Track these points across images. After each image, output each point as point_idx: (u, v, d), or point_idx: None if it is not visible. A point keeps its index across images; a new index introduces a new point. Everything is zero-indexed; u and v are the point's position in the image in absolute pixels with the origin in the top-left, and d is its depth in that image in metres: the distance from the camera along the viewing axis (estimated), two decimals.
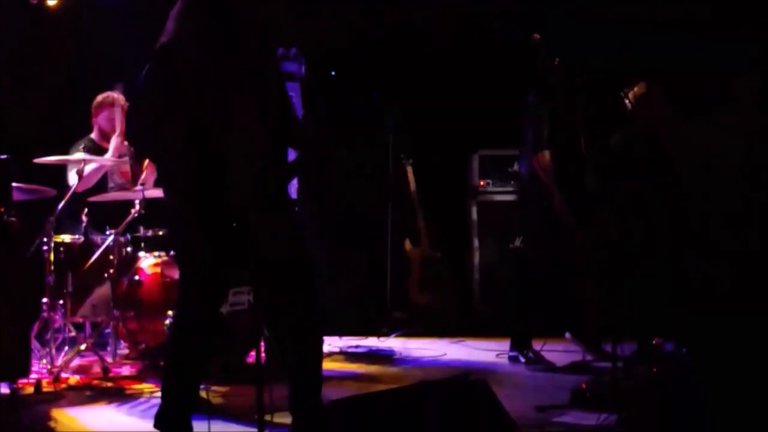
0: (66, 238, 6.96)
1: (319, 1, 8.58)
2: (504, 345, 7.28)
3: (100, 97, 7.56)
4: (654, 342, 7.35)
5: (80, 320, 7.01)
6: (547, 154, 6.82)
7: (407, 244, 8.82)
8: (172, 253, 6.96)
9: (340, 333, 8.22)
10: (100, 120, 7.55)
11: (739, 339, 7.22)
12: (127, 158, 7.39)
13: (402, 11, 8.91)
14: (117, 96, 7.49)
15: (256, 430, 4.21)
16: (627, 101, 6.86)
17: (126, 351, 7.18)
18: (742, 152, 7.51)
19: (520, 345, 7.04)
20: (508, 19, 8.61)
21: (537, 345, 7.07)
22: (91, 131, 7.59)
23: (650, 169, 7.11)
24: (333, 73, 8.40)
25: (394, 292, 8.68)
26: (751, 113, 6.68)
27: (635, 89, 6.90)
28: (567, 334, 7.27)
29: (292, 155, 5.54)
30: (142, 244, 7.18)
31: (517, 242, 8.60)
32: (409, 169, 8.81)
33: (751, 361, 7.02)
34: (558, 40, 7.47)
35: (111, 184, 7.53)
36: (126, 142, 7.47)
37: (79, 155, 7.02)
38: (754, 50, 7.71)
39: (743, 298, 7.36)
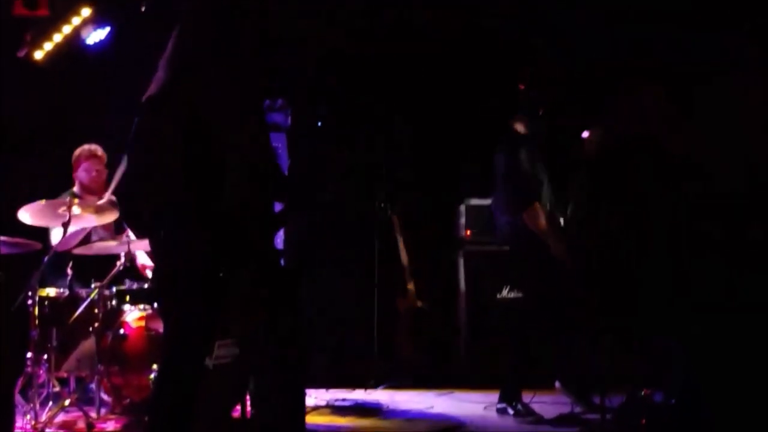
0: (51, 291, 6.92)
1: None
2: (491, 396, 7.24)
3: (78, 150, 7.57)
4: (643, 393, 7.33)
5: (65, 375, 6.94)
6: (536, 206, 6.83)
7: (394, 295, 8.79)
8: (155, 306, 6.90)
9: (327, 385, 8.16)
10: (80, 173, 7.54)
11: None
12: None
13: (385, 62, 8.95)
14: (95, 148, 7.49)
15: None
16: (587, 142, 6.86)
17: (111, 406, 7.11)
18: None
19: (510, 397, 7.00)
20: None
21: (526, 397, 7.04)
22: (72, 184, 7.56)
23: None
24: (319, 123, 8.38)
25: (381, 342, 8.64)
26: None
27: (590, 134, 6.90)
28: (557, 384, 7.24)
29: (278, 207, 5.54)
30: (127, 298, 7.12)
31: (505, 292, 8.59)
32: (396, 219, 8.80)
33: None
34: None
35: (94, 237, 7.49)
36: (111, 195, 7.46)
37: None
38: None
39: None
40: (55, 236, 7.15)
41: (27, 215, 6.86)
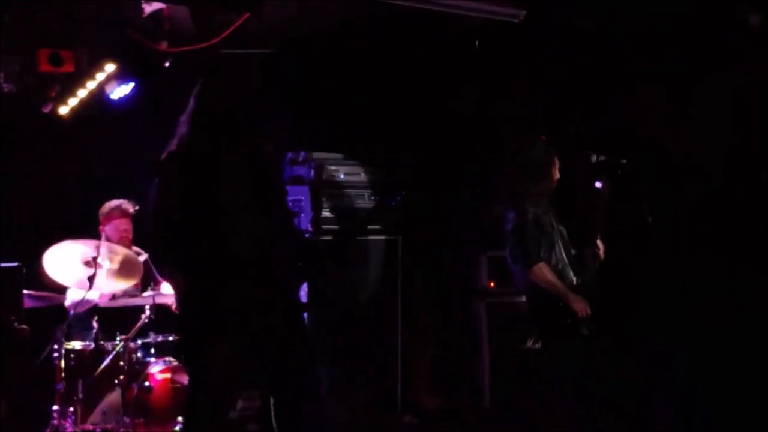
0: (76, 344, 6.98)
1: None
2: None
3: (107, 206, 7.58)
4: None
5: (90, 428, 6.95)
6: (541, 265, 6.81)
7: (417, 346, 8.77)
8: (181, 358, 6.93)
9: None
10: (108, 230, 7.54)
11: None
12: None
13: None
14: (126, 206, 7.52)
15: None
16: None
17: None
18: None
19: None
20: None
21: None
22: (98, 237, 7.59)
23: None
24: (342, 176, 8.43)
25: (404, 394, 8.60)
26: None
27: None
28: None
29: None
30: (152, 350, 7.15)
31: (529, 343, 8.56)
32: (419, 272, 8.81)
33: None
34: None
35: (119, 291, 7.50)
36: (135, 248, 7.52)
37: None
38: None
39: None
40: (71, 296, 7.19)
41: (53, 261, 6.89)
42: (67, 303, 7.20)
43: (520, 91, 8.65)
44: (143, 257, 7.36)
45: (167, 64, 7.78)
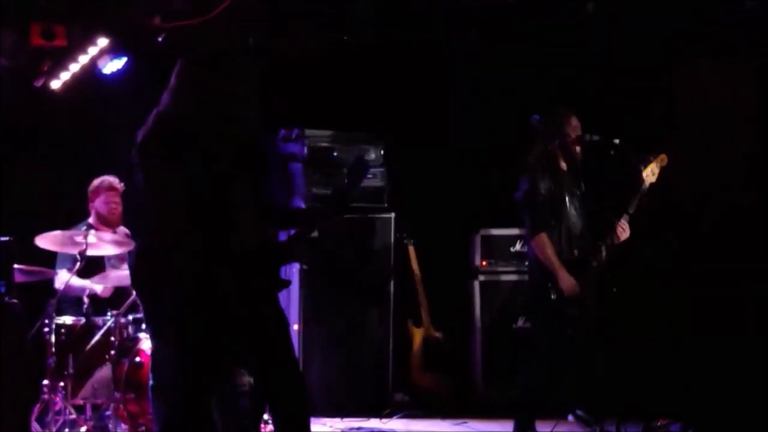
0: (67, 319, 6.98)
1: None
2: (507, 426, 7.20)
3: (96, 181, 7.56)
4: (659, 423, 7.30)
5: (81, 402, 6.97)
6: (543, 236, 6.75)
7: (409, 325, 8.78)
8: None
9: (342, 414, 8.15)
10: (98, 204, 7.53)
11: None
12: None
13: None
14: (114, 180, 7.50)
15: None
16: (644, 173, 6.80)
17: None
18: None
19: (524, 427, 6.94)
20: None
21: (547, 426, 6.96)
22: (87, 214, 7.58)
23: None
24: (335, 154, 8.42)
25: (396, 372, 8.61)
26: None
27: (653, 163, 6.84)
28: (570, 417, 7.20)
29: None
30: (143, 326, 7.14)
31: (520, 322, 8.57)
32: (411, 249, 8.81)
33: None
34: None
35: (108, 266, 7.48)
36: (123, 228, 7.53)
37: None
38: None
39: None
40: (60, 279, 7.18)
41: (43, 242, 6.91)
42: (57, 284, 7.19)
43: None
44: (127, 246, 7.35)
45: (160, 39, 7.74)
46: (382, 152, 8.56)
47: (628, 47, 8.37)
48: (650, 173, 6.67)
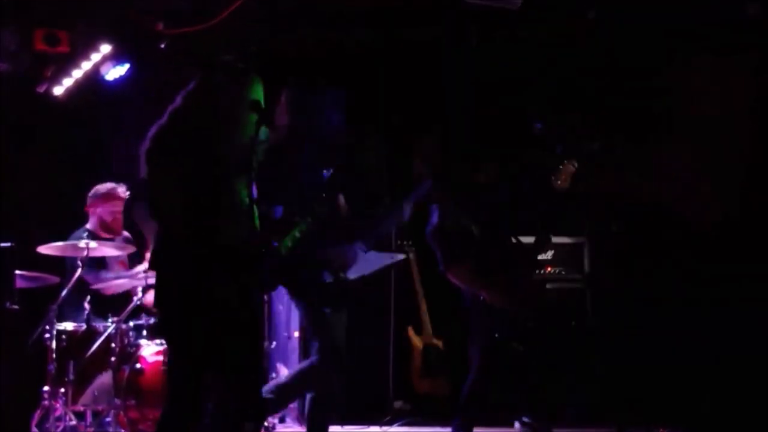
0: (68, 325, 6.98)
1: None
2: None
3: (103, 189, 7.52)
4: (661, 431, 7.30)
5: (81, 409, 6.97)
6: (457, 268, 6.74)
7: (410, 332, 8.78)
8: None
9: (342, 421, 8.14)
10: (102, 212, 7.50)
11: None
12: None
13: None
14: (121, 189, 7.50)
15: None
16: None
17: None
18: None
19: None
20: None
21: None
22: (84, 221, 7.58)
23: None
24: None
25: (397, 379, 8.62)
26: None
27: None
28: (516, 424, 7.13)
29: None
30: (144, 332, 7.15)
31: None
32: (413, 257, 8.81)
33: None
34: None
35: (111, 274, 7.49)
36: (125, 232, 7.54)
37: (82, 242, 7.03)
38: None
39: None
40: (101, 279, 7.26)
41: (47, 250, 6.94)
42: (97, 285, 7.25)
43: None
44: (130, 249, 7.37)
45: (163, 46, 7.76)
46: (384, 160, 8.56)
47: (626, 47, 8.38)
48: (563, 180, 6.63)
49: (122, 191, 7.49)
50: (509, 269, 6.68)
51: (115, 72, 7.75)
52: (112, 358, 6.90)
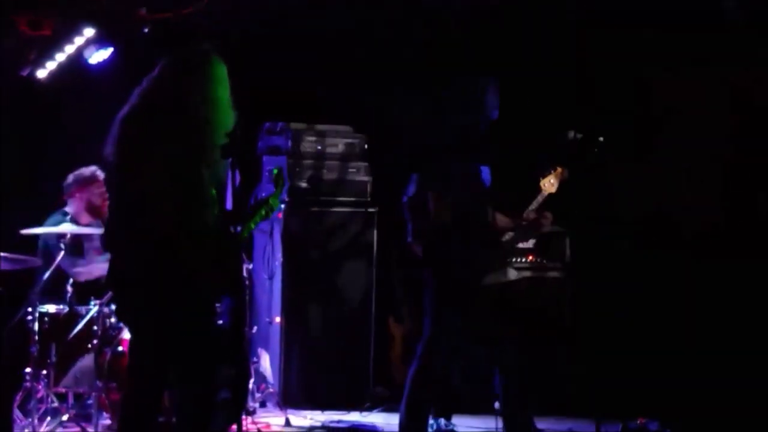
0: (50, 308, 6.97)
1: None
2: (486, 421, 7.25)
3: (87, 172, 7.50)
4: (639, 422, 7.35)
5: (63, 391, 6.98)
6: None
7: (390, 320, 8.81)
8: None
9: (323, 407, 8.17)
10: (90, 195, 7.47)
11: None
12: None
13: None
14: (100, 173, 7.49)
15: None
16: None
17: (109, 422, 7.09)
18: None
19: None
20: None
21: None
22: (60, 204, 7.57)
23: None
24: (319, 148, 8.43)
25: (377, 366, 8.64)
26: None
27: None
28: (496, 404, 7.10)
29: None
30: None
31: None
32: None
33: None
34: None
35: (87, 258, 7.49)
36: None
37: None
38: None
39: None
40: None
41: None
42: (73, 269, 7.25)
43: None
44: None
45: (146, 30, 7.76)
46: (366, 146, 8.58)
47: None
48: (548, 184, 6.66)
49: (101, 174, 7.49)
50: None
51: (98, 56, 7.75)
52: (94, 341, 6.90)
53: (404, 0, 8.54)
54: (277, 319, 8.19)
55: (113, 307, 7.07)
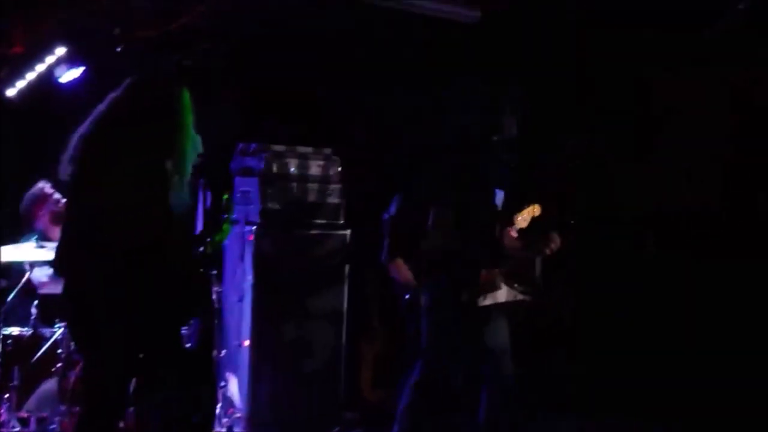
0: (14, 330, 6.91)
1: None
2: None
3: (37, 189, 7.49)
4: None
5: (25, 415, 6.90)
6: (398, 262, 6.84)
7: (362, 342, 8.76)
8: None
9: (292, 430, 8.12)
10: (50, 207, 7.43)
11: None
12: None
13: None
14: (48, 189, 7.45)
15: None
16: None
17: None
18: None
19: None
20: None
21: None
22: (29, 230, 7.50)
23: None
24: (292, 169, 8.38)
25: (348, 389, 8.58)
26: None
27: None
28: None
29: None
30: None
31: None
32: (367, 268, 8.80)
33: None
34: None
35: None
36: None
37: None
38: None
39: None
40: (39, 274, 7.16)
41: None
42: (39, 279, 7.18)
43: None
44: None
45: (119, 50, 7.72)
46: (339, 168, 8.53)
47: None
48: (522, 219, 6.73)
49: (47, 185, 7.44)
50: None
51: (69, 75, 7.70)
52: (58, 365, 6.84)
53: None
54: (246, 342, 8.12)
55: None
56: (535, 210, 6.70)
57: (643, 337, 8.21)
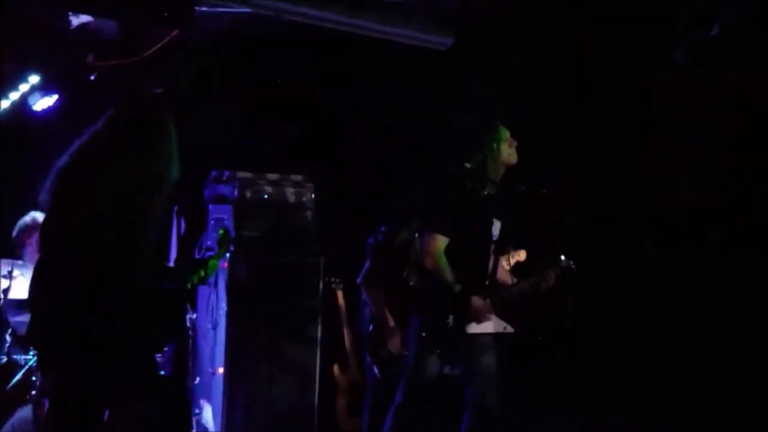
0: None
1: None
2: None
3: (29, 218, 7.48)
4: None
5: None
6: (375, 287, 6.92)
7: (335, 369, 8.75)
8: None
9: None
10: (35, 243, 7.42)
11: None
12: None
13: None
14: (39, 219, 7.43)
15: None
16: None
17: None
18: None
19: None
20: None
21: None
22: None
23: None
24: (266, 196, 8.39)
25: (322, 417, 8.56)
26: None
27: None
28: None
29: None
30: None
31: (447, 369, 8.58)
32: (339, 294, 8.79)
33: None
34: None
35: None
36: None
37: None
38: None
39: None
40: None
41: None
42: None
43: None
44: None
45: (92, 78, 7.73)
46: (312, 195, 8.54)
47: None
48: (506, 261, 6.81)
49: (39, 218, 7.43)
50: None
51: (43, 103, 7.71)
52: (33, 392, 6.80)
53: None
54: (220, 370, 8.10)
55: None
56: (520, 256, 6.82)
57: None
